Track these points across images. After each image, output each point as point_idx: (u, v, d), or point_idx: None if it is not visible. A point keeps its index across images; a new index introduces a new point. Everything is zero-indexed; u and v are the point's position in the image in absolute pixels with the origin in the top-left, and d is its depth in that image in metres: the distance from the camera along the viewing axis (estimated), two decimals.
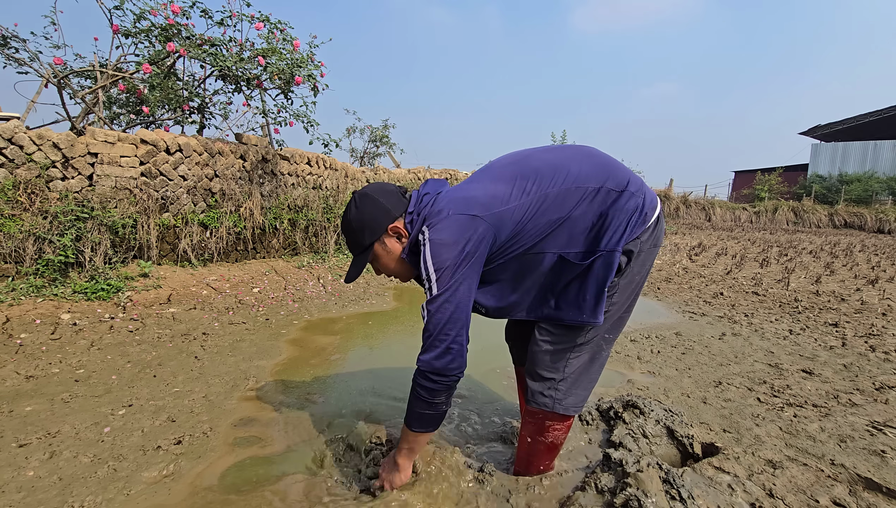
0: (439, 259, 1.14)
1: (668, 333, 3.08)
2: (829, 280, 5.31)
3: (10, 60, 3.83)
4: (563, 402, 1.30)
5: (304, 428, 1.65)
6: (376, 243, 1.29)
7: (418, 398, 1.19)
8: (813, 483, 1.39)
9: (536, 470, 1.43)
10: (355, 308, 3.45)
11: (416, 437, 1.25)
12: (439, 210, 1.19)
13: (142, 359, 2.23)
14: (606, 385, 2.17)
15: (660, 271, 5.55)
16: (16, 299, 2.64)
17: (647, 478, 1.24)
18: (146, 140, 3.51)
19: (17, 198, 2.86)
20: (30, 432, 1.53)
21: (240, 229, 4.00)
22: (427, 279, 1.15)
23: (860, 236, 13.31)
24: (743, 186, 24.84)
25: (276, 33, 4.14)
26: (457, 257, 1.13)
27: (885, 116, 23.33)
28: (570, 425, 1.37)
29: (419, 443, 1.27)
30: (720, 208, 18.74)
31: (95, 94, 3.92)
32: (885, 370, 2.46)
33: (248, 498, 1.27)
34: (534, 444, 1.38)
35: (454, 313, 1.14)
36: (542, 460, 1.41)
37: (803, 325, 3.35)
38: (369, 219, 1.27)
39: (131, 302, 2.96)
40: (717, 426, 1.76)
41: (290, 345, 2.54)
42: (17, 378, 1.94)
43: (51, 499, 1.23)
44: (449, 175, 7.53)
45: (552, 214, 1.19)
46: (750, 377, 2.30)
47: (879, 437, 1.69)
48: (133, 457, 1.43)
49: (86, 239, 3.03)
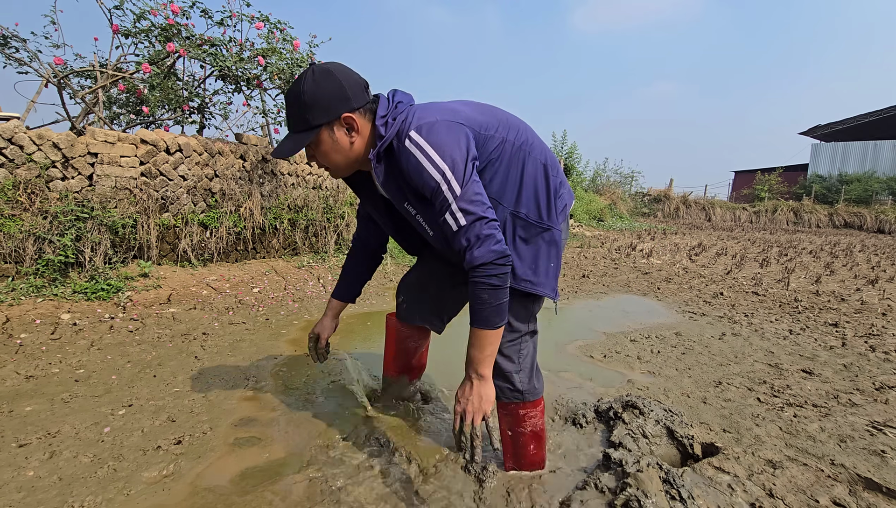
0: (449, 159, 1.09)
1: (668, 333, 3.08)
2: (829, 280, 5.31)
3: (10, 60, 3.83)
4: (528, 389, 1.33)
5: (304, 428, 1.65)
6: (324, 128, 1.16)
7: (495, 289, 1.10)
8: (813, 483, 1.39)
9: (529, 461, 1.43)
10: (355, 308, 3.45)
11: (497, 334, 1.14)
12: (426, 117, 1.14)
13: (142, 359, 2.23)
14: (606, 385, 2.17)
15: (660, 271, 5.55)
16: (16, 299, 2.64)
17: (647, 478, 1.24)
18: (146, 140, 3.51)
19: (17, 198, 2.86)
20: (30, 432, 1.53)
21: (240, 229, 4.00)
22: (444, 181, 1.08)
23: (860, 236, 13.31)
24: (743, 186, 24.85)
25: (276, 33, 4.14)
26: (464, 154, 1.11)
27: (885, 116, 23.33)
28: (542, 408, 1.38)
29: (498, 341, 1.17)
30: (720, 207, 18.75)
31: (95, 94, 3.92)
32: (885, 370, 2.46)
33: (248, 498, 1.27)
34: (516, 436, 1.39)
35: (485, 199, 1.12)
36: (529, 449, 1.41)
37: (803, 325, 3.35)
38: (325, 98, 1.14)
39: (131, 302, 2.96)
40: (717, 426, 1.76)
41: (290, 345, 2.54)
42: (17, 378, 1.94)
43: (51, 499, 1.23)
44: None
45: (514, 169, 1.23)
46: (750, 377, 2.31)
47: (879, 437, 1.69)
48: (133, 457, 1.43)
49: (86, 239, 3.03)
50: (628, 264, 6.11)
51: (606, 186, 16.45)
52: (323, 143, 1.18)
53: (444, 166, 1.08)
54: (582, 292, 4.33)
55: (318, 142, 1.18)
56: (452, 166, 1.09)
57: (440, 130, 1.12)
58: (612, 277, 5.13)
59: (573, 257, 6.50)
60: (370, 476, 1.40)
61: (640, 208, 17.87)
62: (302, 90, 1.13)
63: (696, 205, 18.79)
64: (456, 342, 2.76)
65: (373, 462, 1.46)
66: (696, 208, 18.68)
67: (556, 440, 1.62)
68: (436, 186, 1.09)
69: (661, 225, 14.26)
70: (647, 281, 4.94)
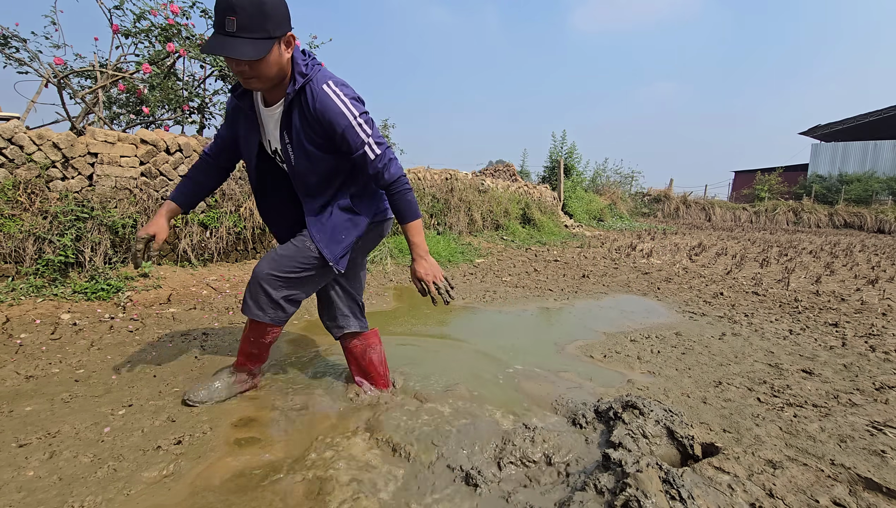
0: (358, 109, 1.46)
1: (668, 333, 3.08)
2: (829, 280, 5.31)
3: (11, 60, 3.83)
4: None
5: (304, 428, 1.65)
6: (277, 41, 1.31)
7: (410, 192, 1.58)
8: (813, 483, 1.39)
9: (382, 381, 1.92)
10: None
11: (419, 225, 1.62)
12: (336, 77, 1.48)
13: (142, 359, 2.23)
14: (606, 385, 2.17)
15: (660, 271, 5.55)
16: (16, 299, 2.64)
17: (647, 478, 1.24)
18: (146, 140, 3.51)
19: (17, 198, 2.86)
20: (30, 432, 1.53)
21: (240, 229, 4.00)
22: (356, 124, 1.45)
23: (860, 236, 13.31)
24: (743, 186, 24.85)
25: None
26: (364, 109, 1.49)
27: (885, 116, 23.33)
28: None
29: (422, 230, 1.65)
30: (720, 207, 18.75)
31: (95, 94, 3.92)
32: (885, 370, 2.46)
33: (248, 498, 1.27)
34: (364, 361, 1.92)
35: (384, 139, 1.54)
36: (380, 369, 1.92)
37: (803, 325, 3.35)
38: (281, 13, 1.30)
39: (131, 302, 2.96)
40: (717, 426, 1.76)
41: (289, 345, 2.54)
42: (17, 378, 1.94)
43: (51, 499, 1.23)
44: (449, 175, 7.53)
45: None
46: (750, 377, 2.31)
47: (879, 437, 1.69)
48: (133, 457, 1.43)
49: (86, 239, 3.03)
50: (628, 264, 6.11)
51: (606, 186, 16.45)
52: (271, 54, 1.32)
53: (356, 112, 1.45)
54: (582, 292, 4.33)
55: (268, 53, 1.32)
56: (361, 114, 1.47)
57: (349, 89, 1.48)
58: (612, 277, 5.13)
59: (573, 258, 6.50)
60: (371, 475, 1.40)
61: (640, 208, 17.87)
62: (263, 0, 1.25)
63: (696, 205, 18.79)
64: (452, 352, 2.76)
65: (373, 462, 1.46)
66: (696, 208, 18.68)
67: (556, 440, 1.62)
68: (348, 124, 1.43)
69: (661, 225, 14.26)
70: (647, 281, 4.94)
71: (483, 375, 2.23)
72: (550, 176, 13.07)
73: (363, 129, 1.46)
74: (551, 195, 11.17)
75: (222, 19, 1.25)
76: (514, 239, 7.75)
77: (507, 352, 2.58)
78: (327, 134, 1.47)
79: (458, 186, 7.34)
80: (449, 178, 7.47)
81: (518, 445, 1.55)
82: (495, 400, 1.97)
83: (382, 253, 5.03)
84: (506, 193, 8.92)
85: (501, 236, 7.85)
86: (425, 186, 6.83)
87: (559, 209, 11.10)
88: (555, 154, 13.34)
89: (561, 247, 7.67)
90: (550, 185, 12.11)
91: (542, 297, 4.05)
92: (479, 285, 4.46)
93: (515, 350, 2.61)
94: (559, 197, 11.46)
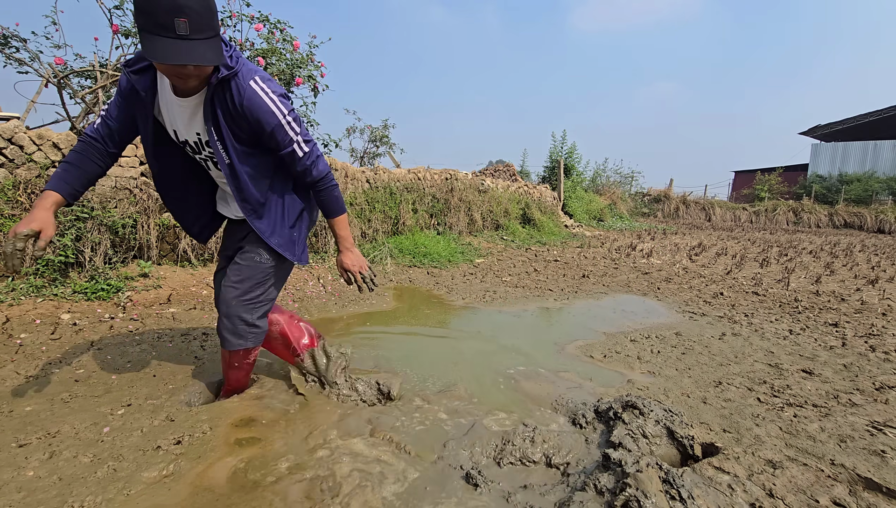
0: (286, 106, 1.45)
1: (668, 333, 3.08)
2: (829, 280, 5.31)
3: (11, 60, 3.83)
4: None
5: (304, 428, 1.65)
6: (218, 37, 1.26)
7: (336, 188, 1.65)
8: (813, 483, 1.39)
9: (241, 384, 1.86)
10: (355, 308, 3.45)
11: (345, 219, 1.70)
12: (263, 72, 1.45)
13: (141, 359, 2.23)
14: (606, 385, 2.17)
15: (660, 271, 5.55)
16: (16, 299, 2.64)
17: (647, 478, 1.24)
18: None
19: (17, 198, 2.86)
20: (30, 432, 1.53)
21: None
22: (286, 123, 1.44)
23: (860, 236, 13.31)
24: (743, 186, 24.83)
25: (276, 33, 4.14)
26: (291, 107, 1.48)
27: (885, 116, 23.32)
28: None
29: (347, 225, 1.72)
30: (720, 207, 18.75)
31: (95, 94, 3.92)
32: (885, 370, 2.46)
33: (248, 498, 1.27)
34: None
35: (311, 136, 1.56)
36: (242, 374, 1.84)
37: (803, 325, 3.35)
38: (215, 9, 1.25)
39: (131, 302, 2.96)
40: (717, 426, 1.76)
41: None
42: (17, 378, 1.94)
43: (51, 499, 1.23)
44: (449, 175, 7.53)
45: None
46: (750, 377, 2.31)
47: (879, 437, 1.69)
48: (133, 457, 1.43)
49: (86, 239, 3.03)
50: (628, 264, 6.11)
51: (606, 186, 16.44)
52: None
53: (285, 110, 1.44)
54: (582, 292, 4.33)
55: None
56: (290, 112, 1.45)
57: (276, 85, 1.45)
58: (612, 277, 5.13)
59: (573, 258, 6.50)
60: (371, 475, 1.40)
61: (640, 207, 17.87)
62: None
63: (696, 205, 18.78)
64: (452, 352, 2.75)
65: (373, 462, 1.46)
66: (696, 208, 18.67)
67: (556, 440, 1.62)
68: (277, 123, 1.42)
69: (661, 225, 14.26)
70: (647, 281, 4.94)
71: (483, 375, 2.23)
72: (550, 176, 13.06)
73: (292, 127, 1.47)
74: (551, 195, 11.18)
75: (170, 21, 1.14)
76: (514, 239, 7.75)
77: (507, 352, 2.58)
78: (253, 131, 1.42)
79: (458, 186, 7.34)
80: (449, 178, 7.47)
81: (518, 445, 1.55)
82: (495, 400, 1.97)
83: (382, 253, 5.03)
84: (506, 193, 8.92)
85: (501, 236, 7.85)
86: (425, 186, 6.83)
87: (559, 209, 11.10)
88: (555, 154, 13.34)
89: (561, 247, 7.67)
90: (550, 185, 12.11)
91: (542, 297, 4.05)
92: (479, 285, 4.46)
93: (515, 350, 2.61)
94: (559, 197, 11.46)
